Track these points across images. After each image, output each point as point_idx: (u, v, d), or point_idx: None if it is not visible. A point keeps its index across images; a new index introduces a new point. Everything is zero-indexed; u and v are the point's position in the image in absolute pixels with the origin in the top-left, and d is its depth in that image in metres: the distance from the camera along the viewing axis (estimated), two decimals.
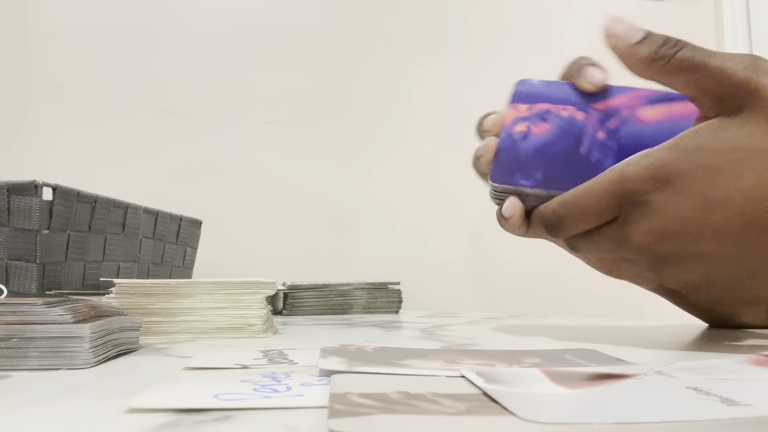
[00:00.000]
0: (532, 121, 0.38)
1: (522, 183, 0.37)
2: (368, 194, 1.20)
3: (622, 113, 0.37)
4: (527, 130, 0.38)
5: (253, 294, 0.42)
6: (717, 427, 0.15)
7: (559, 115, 0.37)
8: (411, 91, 1.24)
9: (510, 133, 0.38)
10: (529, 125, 0.38)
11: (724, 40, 1.40)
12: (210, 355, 0.30)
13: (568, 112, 0.37)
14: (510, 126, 0.38)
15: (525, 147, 0.37)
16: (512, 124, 0.38)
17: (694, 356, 0.29)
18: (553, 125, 0.37)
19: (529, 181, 0.36)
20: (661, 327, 0.44)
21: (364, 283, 0.73)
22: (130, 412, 0.18)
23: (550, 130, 0.37)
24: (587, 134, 0.36)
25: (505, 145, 0.37)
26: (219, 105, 1.16)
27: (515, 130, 0.38)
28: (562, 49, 1.33)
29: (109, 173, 1.10)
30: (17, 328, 0.27)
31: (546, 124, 0.37)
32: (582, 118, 0.37)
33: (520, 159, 0.37)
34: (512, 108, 0.39)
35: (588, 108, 0.37)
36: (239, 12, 1.19)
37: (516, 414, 0.16)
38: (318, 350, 0.28)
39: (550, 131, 0.37)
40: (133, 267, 0.67)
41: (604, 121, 0.37)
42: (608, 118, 0.37)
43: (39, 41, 1.11)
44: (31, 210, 0.50)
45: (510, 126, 0.38)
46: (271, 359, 0.28)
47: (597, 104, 0.37)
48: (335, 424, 0.14)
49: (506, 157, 0.37)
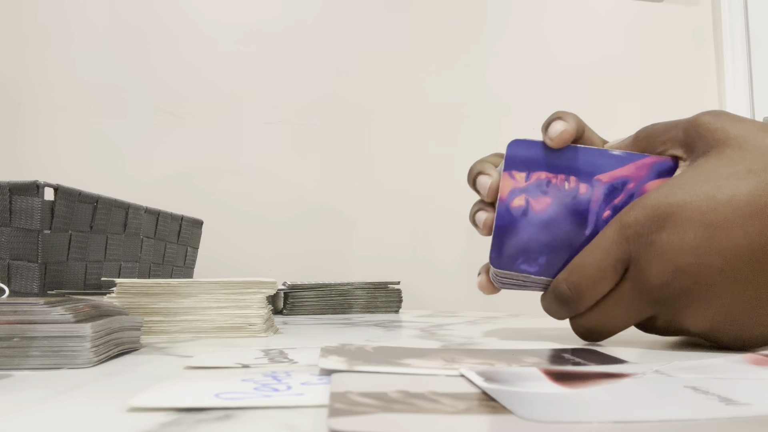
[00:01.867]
0: (531, 194, 0.35)
1: (525, 269, 0.35)
2: (368, 194, 1.20)
3: (629, 187, 0.34)
4: (526, 205, 0.35)
5: (254, 293, 0.42)
6: (715, 426, 0.15)
7: (560, 187, 0.35)
8: (410, 91, 1.24)
9: (508, 209, 0.35)
10: (528, 199, 0.35)
11: (723, 41, 1.40)
12: (211, 354, 0.30)
13: (570, 183, 0.35)
14: (507, 199, 0.35)
15: (525, 227, 0.35)
16: (509, 197, 0.35)
17: (693, 356, 0.29)
18: (555, 200, 0.35)
19: (533, 267, 0.35)
20: None
21: (364, 282, 0.73)
22: (132, 411, 0.18)
23: (551, 205, 0.35)
24: (592, 212, 0.34)
25: (504, 223, 0.35)
26: (219, 105, 1.17)
27: (513, 205, 0.35)
28: (562, 49, 1.34)
29: (111, 173, 1.10)
30: (19, 327, 0.27)
31: (546, 198, 0.35)
32: (585, 192, 0.35)
33: (522, 242, 0.35)
34: (508, 177, 0.36)
35: (592, 179, 0.35)
36: (239, 12, 1.19)
37: (515, 413, 0.16)
38: (318, 349, 0.28)
39: (552, 207, 0.35)
40: (134, 267, 0.67)
41: (610, 197, 0.35)
42: (614, 193, 0.35)
43: (39, 41, 1.11)
44: (32, 210, 0.50)
45: (507, 199, 0.35)
46: (271, 358, 0.28)
47: (601, 174, 0.35)
48: (335, 423, 0.15)
49: (506, 238, 0.35)
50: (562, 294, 0.33)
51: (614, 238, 0.32)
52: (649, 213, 0.31)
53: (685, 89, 1.38)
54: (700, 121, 0.33)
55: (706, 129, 0.33)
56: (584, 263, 0.33)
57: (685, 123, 0.34)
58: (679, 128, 0.34)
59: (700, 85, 1.40)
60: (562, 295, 0.33)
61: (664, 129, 0.35)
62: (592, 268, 0.32)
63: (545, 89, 1.29)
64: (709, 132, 0.33)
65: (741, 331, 0.31)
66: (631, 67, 1.36)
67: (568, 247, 0.34)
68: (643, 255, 0.31)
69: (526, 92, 1.27)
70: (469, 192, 0.39)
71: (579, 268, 0.33)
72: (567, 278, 0.33)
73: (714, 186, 0.30)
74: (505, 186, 0.35)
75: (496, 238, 0.35)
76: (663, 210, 0.31)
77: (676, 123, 0.35)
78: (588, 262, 0.33)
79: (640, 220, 0.31)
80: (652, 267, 0.31)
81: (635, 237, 0.31)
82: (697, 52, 1.41)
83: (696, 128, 0.33)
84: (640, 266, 0.31)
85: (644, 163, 0.35)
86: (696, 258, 0.30)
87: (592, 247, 0.33)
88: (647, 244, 0.31)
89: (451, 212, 1.20)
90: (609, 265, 0.32)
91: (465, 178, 0.38)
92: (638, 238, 0.31)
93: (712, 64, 1.41)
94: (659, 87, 1.37)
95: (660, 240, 0.31)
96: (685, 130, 0.34)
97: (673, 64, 1.39)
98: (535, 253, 0.35)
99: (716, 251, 0.30)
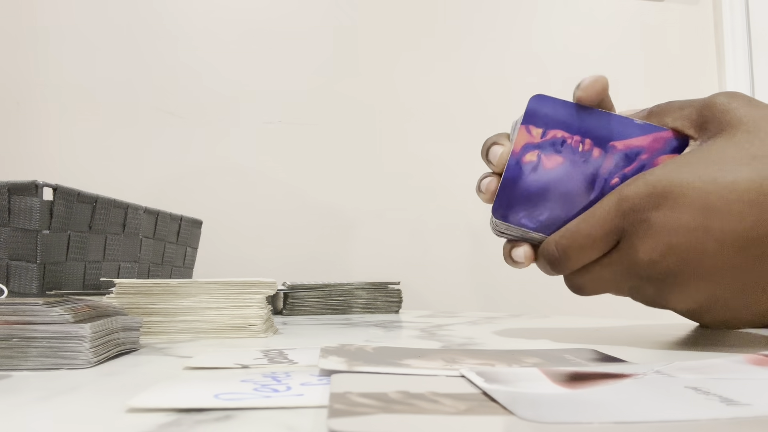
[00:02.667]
0: (544, 151, 0.35)
1: (525, 224, 0.35)
2: (368, 194, 1.20)
3: (642, 157, 0.34)
4: (538, 161, 0.35)
5: (254, 294, 0.42)
6: (716, 426, 0.15)
7: (574, 148, 0.35)
8: (410, 91, 1.24)
9: (519, 162, 0.35)
10: (540, 155, 0.35)
11: (724, 40, 1.40)
12: (210, 354, 0.30)
13: (584, 146, 0.35)
14: (520, 153, 0.35)
15: (533, 182, 0.35)
16: (522, 151, 0.35)
17: (693, 356, 0.29)
18: (567, 160, 0.35)
19: (533, 222, 0.35)
20: (661, 327, 0.44)
21: (364, 283, 0.73)
22: (131, 411, 0.18)
23: (562, 165, 0.35)
24: (600, 178, 0.34)
25: (512, 175, 0.35)
26: (219, 105, 1.17)
27: (525, 159, 0.35)
28: (563, 47, 1.34)
29: (110, 173, 1.10)
30: (18, 327, 0.27)
31: (558, 157, 0.35)
32: (598, 156, 0.35)
33: (527, 195, 0.35)
34: (524, 131, 0.35)
35: (607, 145, 0.35)
36: (239, 12, 1.19)
37: (516, 413, 0.16)
38: (318, 350, 0.28)
39: (562, 167, 0.35)
40: (133, 267, 0.67)
41: (621, 164, 0.34)
42: (626, 161, 0.34)
43: (39, 41, 1.11)
44: (31, 210, 0.50)
45: (520, 153, 0.35)
46: (271, 359, 0.28)
47: (617, 141, 0.35)
48: (335, 424, 0.15)
49: (512, 189, 0.35)
50: (550, 255, 0.34)
51: (610, 209, 0.32)
52: (650, 189, 0.31)
53: (686, 89, 1.38)
54: (714, 101, 0.33)
55: (719, 110, 0.33)
56: (577, 229, 0.33)
57: (700, 103, 0.34)
58: (693, 107, 0.34)
59: (701, 85, 1.40)
60: (550, 255, 0.34)
61: (678, 106, 0.35)
62: (582, 235, 0.33)
63: (546, 89, 1.29)
64: (721, 113, 0.33)
65: (725, 315, 0.32)
66: (631, 66, 1.36)
67: (570, 208, 0.35)
68: (636, 230, 0.31)
69: (526, 92, 1.27)
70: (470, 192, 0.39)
71: (571, 232, 0.33)
72: (558, 240, 0.34)
73: (718, 169, 0.30)
74: (520, 140, 0.35)
75: (502, 189, 0.35)
76: (663, 187, 0.31)
77: (691, 102, 0.35)
78: (581, 228, 0.33)
79: (639, 195, 0.31)
80: (642, 243, 0.31)
81: (631, 211, 0.32)
82: (698, 51, 1.41)
83: (710, 108, 0.33)
84: (631, 241, 0.32)
85: (661, 136, 0.35)
86: (688, 240, 0.30)
87: (589, 214, 0.33)
88: (642, 220, 0.31)
89: (451, 212, 1.20)
90: (600, 234, 0.32)
91: (465, 178, 0.39)
92: (633, 213, 0.31)
93: (713, 63, 1.41)
94: (660, 86, 1.37)
95: (655, 218, 0.31)
96: (699, 110, 0.34)
97: (674, 64, 1.39)
98: (538, 209, 0.35)
99: (711, 235, 0.30)
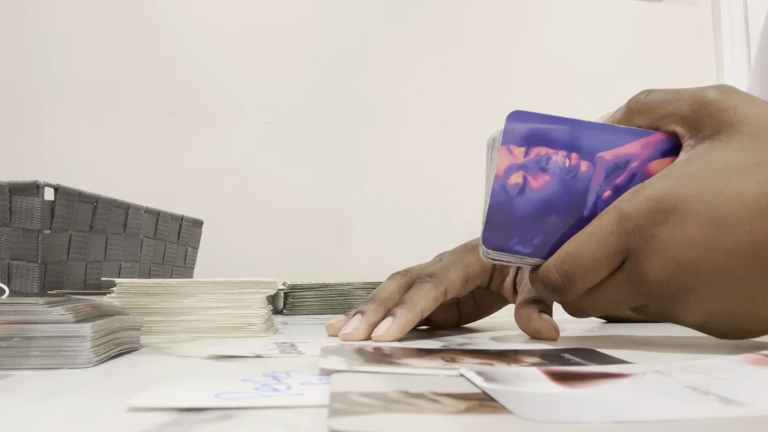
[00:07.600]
0: (529, 171, 0.33)
1: (519, 250, 0.33)
2: (368, 194, 1.20)
3: (632, 166, 0.33)
4: (524, 182, 0.33)
5: (254, 293, 0.42)
6: (715, 426, 0.15)
7: (560, 164, 0.33)
8: (410, 91, 1.24)
9: (504, 186, 0.33)
10: (525, 176, 0.33)
11: (722, 41, 1.40)
12: (229, 345, 0.34)
13: (571, 160, 0.33)
14: (504, 176, 0.33)
15: (521, 205, 0.33)
16: (506, 174, 0.33)
17: (693, 356, 0.29)
18: (554, 177, 0.33)
19: (527, 248, 0.33)
20: (661, 327, 0.44)
21: (364, 282, 0.73)
22: (132, 411, 0.18)
23: (550, 183, 0.33)
24: (592, 192, 0.33)
25: (498, 201, 0.33)
26: (219, 105, 1.17)
27: (510, 182, 0.33)
28: (561, 49, 1.34)
29: (111, 173, 1.10)
30: (19, 327, 0.27)
31: (546, 176, 0.33)
32: (586, 170, 0.33)
33: (517, 220, 0.33)
34: (505, 151, 0.33)
35: (594, 157, 0.33)
36: (240, 12, 1.19)
37: (515, 413, 0.16)
38: None
39: (551, 185, 0.33)
40: (134, 267, 0.67)
41: (611, 176, 0.33)
42: (616, 172, 0.33)
43: (40, 42, 1.11)
44: (32, 210, 0.50)
45: (504, 176, 0.33)
46: (283, 350, 0.31)
47: (604, 152, 0.33)
48: (335, 423, 0.15)
49: (500, 216, 0.33)
50: (553, 283, 0.32)
51: (612, 228, 0.30)
52: (652, 205, 0.30)
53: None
54: (709, 98, 0.31)
55: (716, 108, 0.31)
56: (578, 252, 0.31)
57: (691, 97, 0.32)
58: (683, 101, 0.32)
59: (700, 85, 1.40)
60: (553, 283, 0.32)
61: (663, 100, 0.33)
62: (586, 258, 0.31)
63: (545, 90, 1.29)
64: (719, 111, 0.31)
65: (734, 324, 0.31)
66: (631, 66, 1.36)
67: (564, 228, 0.33)
68: (643, 249, 0.30)
69: (526, 93, 1.27)
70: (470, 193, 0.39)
71: (572, 256, 0.31)
72: (559, 266, 0.31)
73: (723, 180, 0.29)
74: (502, 162, 0.33)
75: (489, 217, 0.33)
76: (667, 203, 0.29)
77: (677, 94, 0.32)
78: (583, 252, 0.31)
79: (641, 212, 0.30)
80: (651, 262, 0.30)
81: (636, 230, 0.30)
82: (697, 51, 1.41)
83: (705, 106, 0.31)
84: (638, 260, 0.30)
85: (650, 141, 0.33)
86: (698, 254, 0.29)
87: (588, 234, 0.31)
88: (648, 237, 0.29)
89: (451, 212, 1.20)
90: (605, 256, 0.30)
91: (465, 178, 0.38)
92: (639, 231, 0.30)
93: (711, 63, 1.41)
94: (659, 86, 1.37)
95: (662, 234, 0.29)
96: (692, 106, 0.32)
97: (673, 64, 1.39)
98: (530, 233, 0.33)
99: (721, 249, 0.29)
